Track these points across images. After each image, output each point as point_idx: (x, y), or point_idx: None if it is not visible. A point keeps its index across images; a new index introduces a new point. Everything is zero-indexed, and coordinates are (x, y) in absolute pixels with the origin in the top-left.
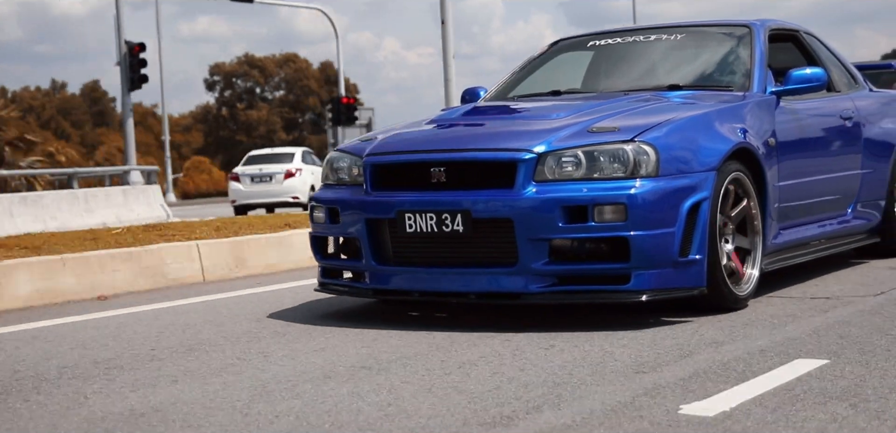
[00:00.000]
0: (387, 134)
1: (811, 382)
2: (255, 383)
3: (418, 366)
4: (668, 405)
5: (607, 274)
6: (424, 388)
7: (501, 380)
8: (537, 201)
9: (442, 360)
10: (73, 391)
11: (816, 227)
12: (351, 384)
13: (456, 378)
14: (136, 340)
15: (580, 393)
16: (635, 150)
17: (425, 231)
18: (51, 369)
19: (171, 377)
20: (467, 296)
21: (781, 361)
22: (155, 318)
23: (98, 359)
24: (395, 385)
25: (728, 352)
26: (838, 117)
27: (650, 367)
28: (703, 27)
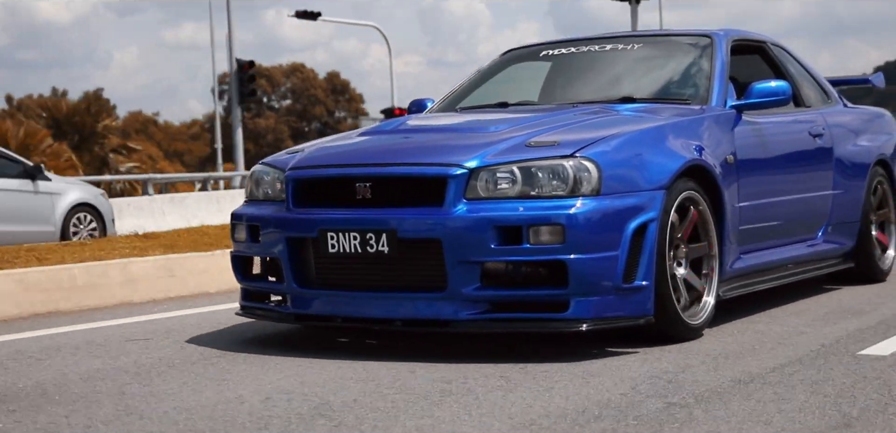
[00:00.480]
0: (314, 146)
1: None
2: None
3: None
4: None
5: (544, 300)
6: None
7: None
8: (468, 220)
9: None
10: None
11: (782, 252)
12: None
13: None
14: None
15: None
16: (576, 166)
17: (349, 251)
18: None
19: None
20: (393, 323)
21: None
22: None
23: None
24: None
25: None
26: (807, 134)
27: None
28: (662, 37)
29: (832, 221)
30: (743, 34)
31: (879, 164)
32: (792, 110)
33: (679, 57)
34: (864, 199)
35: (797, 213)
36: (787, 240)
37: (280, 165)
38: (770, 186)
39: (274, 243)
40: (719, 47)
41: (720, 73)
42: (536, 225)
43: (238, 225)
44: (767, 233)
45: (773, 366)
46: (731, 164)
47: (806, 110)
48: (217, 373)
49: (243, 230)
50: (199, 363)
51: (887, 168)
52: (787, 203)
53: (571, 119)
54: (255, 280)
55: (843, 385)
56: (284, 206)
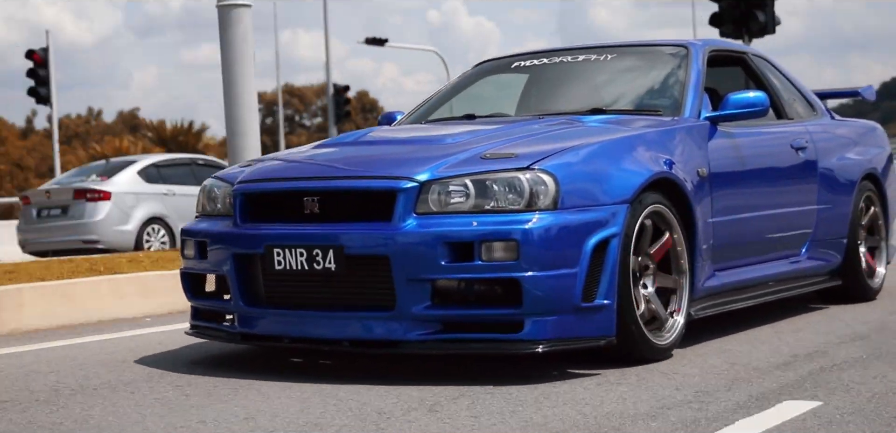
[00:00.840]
0: (266, 159)
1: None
2: None
3: None
4: None
5: (498, 320)
6: None
7: None
8: (417, 236)
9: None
10: None
11: (762, 269)
12: None
13: None
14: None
15: None
16: (532, 179)
17: (295, 269)
18: None
19: None
20: (340, 344)
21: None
22: None
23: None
24: None
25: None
26: (788, 146)
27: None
28: (638, 47)
29: (817, 237)
30: (722, 45)
31: (868, 178)
32: (773, 122)
33: (654, 67)
34: (852, 214)
35: (778, 229)
36: (767, 257)
37: (230, 179)
38: (747, 201)
39: (221, 260)
40: (695, 58)
41: (695, 83)
42: (489, 241)
43: (187, 241)
44: (745, 250)
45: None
46: (704, 177)
47: (788, 122)
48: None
49: (192, 246)
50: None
51: (877, 183)
52: (767, 218)
53: (534, 131)
54: (205, 298)
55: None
56: (232, 221)
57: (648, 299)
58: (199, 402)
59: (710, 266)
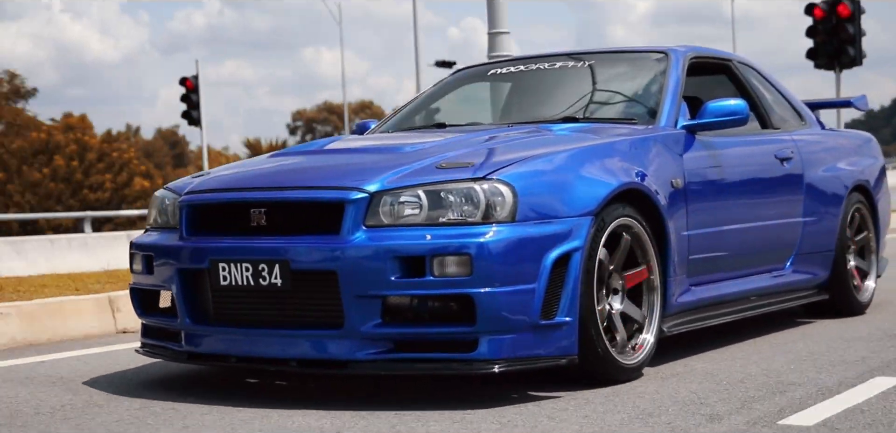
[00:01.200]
0: (218, 169)
1: None
2: None
3: None
4: None
5: (452, 339)
6: None
7: None
8: (366, 250)
9: None
10: None
11: (742, 283)
12: None
13: None
14: None
15: None
16: (489, 189)
17: (241, 284)
18: None
19: None
20: (287, 363)
21: None
22: None
23: None
24: None
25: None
26: (772, 157)
27: None
28: (617, 54)
29: (802, 250)
30: (704, 51)
31: (859, 190)
32: (757, 132)
33: (632, 75)
34: (840, 227)
35: (760, 242)
36: (748, 271)
37: (179, 189)
38: (726, 213)
39: (167, 274)
40: (674, 65)
41: (672, 91)
42: (441, 255)
43: (135, 255)
44: (723, 264)
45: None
46: (679, 188)
47: (773, 132)
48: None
49: (140, 260)
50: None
51: (867, 195)
52: (747, 231)
53: (498, 140)
54: (157, 315)
55: None
56: (178, 233)
57: (619, 313)
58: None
59: (686, 280)
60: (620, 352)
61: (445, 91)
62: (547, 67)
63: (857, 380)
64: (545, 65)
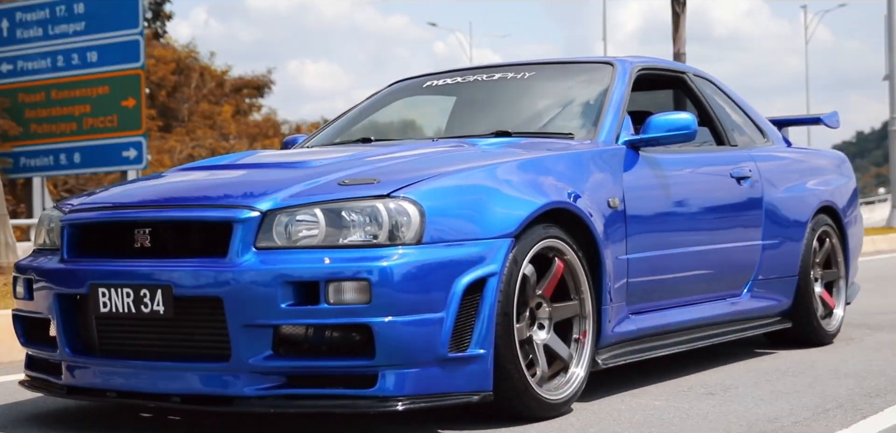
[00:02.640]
0: (111, 187)
1: None
2: None
3: None
4: None
5: (350, 373)
6: None
7: None
8: (254, 274)
9: None
10: None
11: (692, 311)
12: None
13: None
14: None
15: None
16: (394, 208)
17: (122, 311)
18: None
19: None
20: (170, 399)
21: None
22: None
23: None
24: None
25: None
26: (728, 176)
27: None
28: (559, 64)
29: (761, 275)
30: (655, 63)
31: (826, 211)
32: (711, 149)
33: (572, 87)
34: (804, 250)
35: (712, 266)
36: (699, 298)
37: (64, 208)
38: (672, 235)
39: (46, 300)
40: (619, 77)
41: (615, 104)
42: (337, 280)
43: (18, 278)
44: (669, 290)
45: None
46: (616, 208)
47: (730, 149)
48: None
49: (22, 285)
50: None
51: (835, 217)
52: (697, 254)
53: (413, 155)
54: (41, 344)
55: None
56: (58, 256)
57: (544, 344)
58: None
59: (625, 308)
60: (543, 387)
61: (380, 104)
62: (485, 79)
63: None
64: (483, 76)
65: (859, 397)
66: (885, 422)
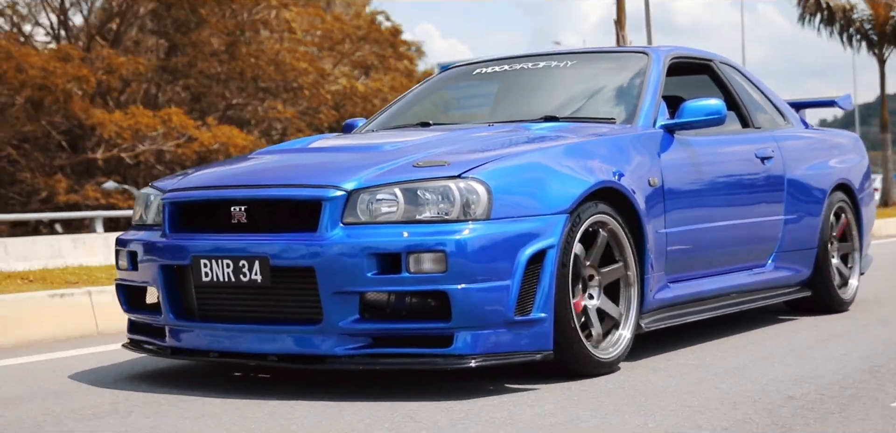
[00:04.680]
0: (201, 168)
1: None
2: None
3: None
4: None
5: (428, 334)
6: None
7: None
8: (343, 247)
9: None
10: None
11: (722, 280)
12: None
13: None
14: None
15: None
16: (465, 188)
17: (223, 280)
18: None
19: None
20: (267, 358)
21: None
22: None
23: None
24: None
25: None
26: (753, 156)
27: None
28: (599, 54)
29: (784, 248)
30: (686, 51)
31: (842, 188)
32: (738, 131)
33: (612, 74)
34: (822, 224)
35: (740, 239)
36: (728, 268)
37: (163, 187)
38: (704, 210)
39: (150, 271)
40: (654, 65)
41: (652, 90)
42: (417, 252)
43: (120, 250)
44: (702, 261)
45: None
46: (656, 186)
47: (754, 131)
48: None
49: (125, 256)
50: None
51: (850, 193)
52: (727, 228)
53: (476, 138)
54: (142, 310)
55: None
56: (161, 231)
57: (596, 309)
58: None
59: (664, 277)
60: (596, 347)
61: (432, 90)
62: (530, 67)
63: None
64: (529, 64)
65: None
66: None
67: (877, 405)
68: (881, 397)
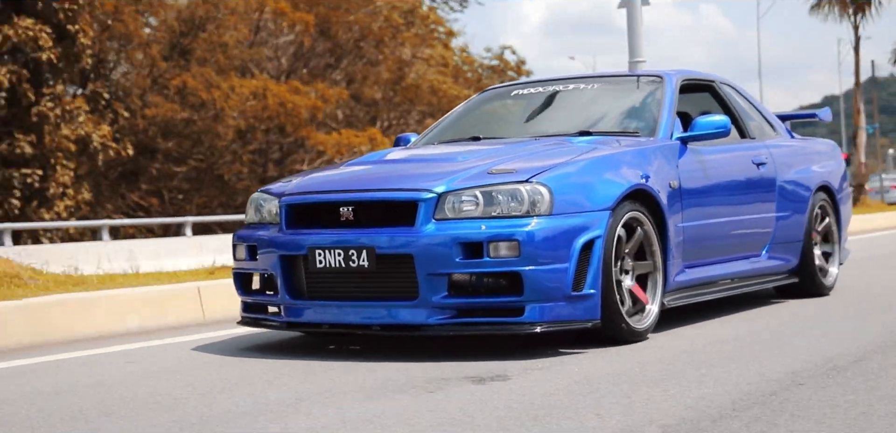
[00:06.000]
0: (304, 175)
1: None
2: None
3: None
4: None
5: (503, 307)
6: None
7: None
8: (436, 238)
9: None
10: None
11: (726, 267)
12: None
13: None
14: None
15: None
16: (531, 190)
17: (334, 266)
18: None
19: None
20: (371, 328)
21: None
22: None
23: None
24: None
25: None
26: (750, 162)
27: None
28: (619, 77)
29: (776, 240)
30: (692, 74)
31: (823, 190)
32: (737, 141)
33: (633, 94)
34: (807, 221)
35: (740, 233)
36: (730, 257)
37: (276, 192)
38: (712, 208)
39: (270, 260)
40: (668, 86)
41: (668, 108)
42: (496, 241)
43: (239, 245)
44: (710, 250)
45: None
46: (675, 188)
47: (750, 141)
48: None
49: (243, 249)
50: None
51: (830, 194)
52: (730, 223)
53: (531, 150)
54: (253, 294)
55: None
56: (278, 228)
57: (628, 288)
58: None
59: (681, 263)
60: (631, 319)
61: (475, 108)
62: (562, 89)
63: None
64: (560, 87)
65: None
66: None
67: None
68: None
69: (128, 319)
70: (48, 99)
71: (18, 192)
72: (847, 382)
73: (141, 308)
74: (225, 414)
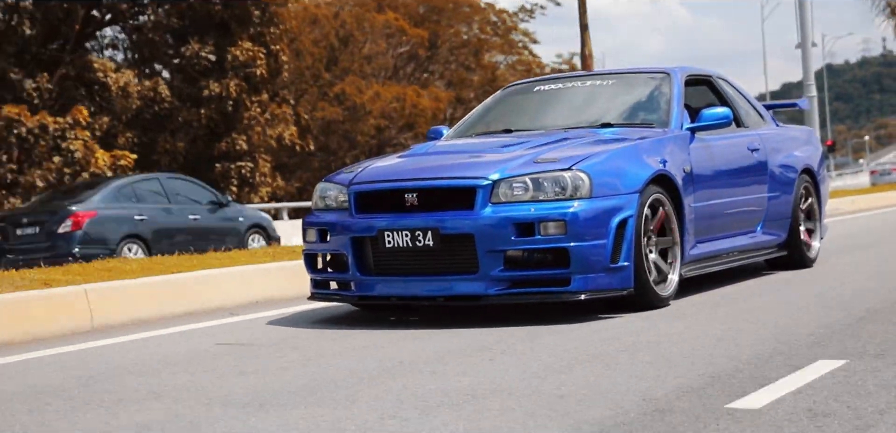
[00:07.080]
0: (366, 166)
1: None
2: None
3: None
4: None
5: (552, 278)
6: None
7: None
8: (494, 219)
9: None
10: None
11: (728, 241)
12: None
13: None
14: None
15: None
16: (573, 176)
17: (401, 246)
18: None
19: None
20: (436, 300)
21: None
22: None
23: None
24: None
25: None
26: (746, 149)
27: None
28: (630, 74)
29: (768, 218)
30: (694, 70)
31: (806, 172)
32: (734, 130)
33: (643, 89)
34: (794, 200)
35: (740, 211)
36: (732, 233)
37: (342, 182)
38: (718, 190)
39: (341, 242)
40: (675, 81)
41: (677, 101)
42: (545, 221)
43: (309, 229)
44: (716, 227)
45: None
46: (688, 173)
47: (745, 130)
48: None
49: (314, 233)
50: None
51: (812, 176)
52: (731, 203)
53: (568, 141)
54: (321, 272)
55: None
56: (348, 213)
57: (653, 261)
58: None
59: (694, 239)
60: (657, 287)
61: (499, 102)
62: (580, 85)
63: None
64: (578, 83)
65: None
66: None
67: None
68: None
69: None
70: (257, 105)
71: (236, 181)
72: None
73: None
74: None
